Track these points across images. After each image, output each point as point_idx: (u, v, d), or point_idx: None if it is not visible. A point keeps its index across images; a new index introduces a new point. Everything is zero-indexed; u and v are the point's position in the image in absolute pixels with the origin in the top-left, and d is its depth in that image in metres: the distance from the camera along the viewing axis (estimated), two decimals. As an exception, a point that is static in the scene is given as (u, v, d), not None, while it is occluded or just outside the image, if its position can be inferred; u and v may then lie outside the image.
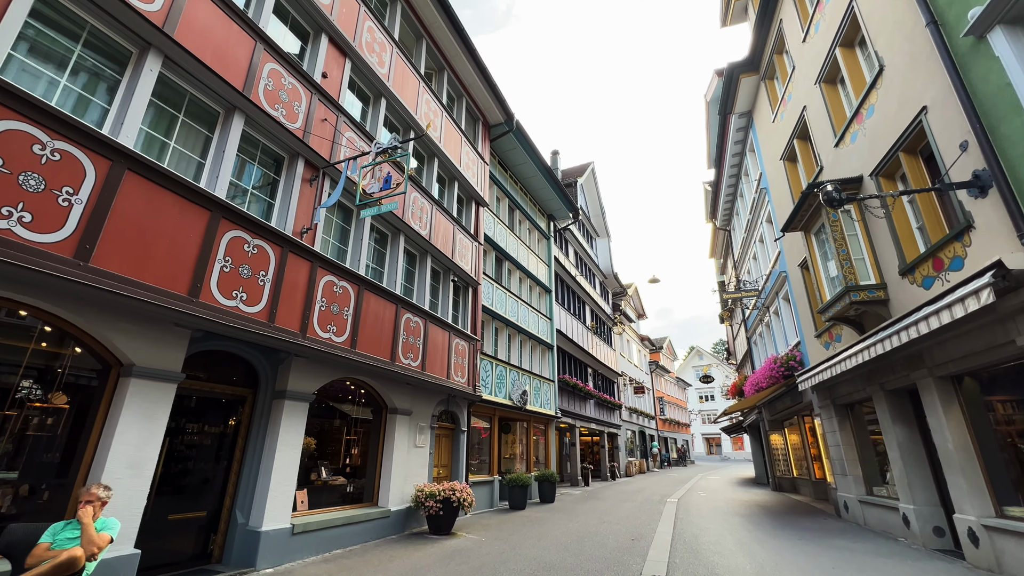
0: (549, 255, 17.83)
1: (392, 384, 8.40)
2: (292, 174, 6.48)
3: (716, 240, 24.04)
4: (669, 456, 38.39)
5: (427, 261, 9.54)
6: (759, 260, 15.28)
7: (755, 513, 11.02)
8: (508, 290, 13.92)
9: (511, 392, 12.89)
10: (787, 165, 11.11)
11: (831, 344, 9.44)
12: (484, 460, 12.05)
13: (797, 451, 15.71)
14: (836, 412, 9.76)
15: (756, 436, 22.06)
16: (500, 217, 14.36)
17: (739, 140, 15.10)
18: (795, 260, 10.98)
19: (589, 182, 25.57)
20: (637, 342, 34.53)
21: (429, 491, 7.88)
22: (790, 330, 12.73)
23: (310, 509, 6.88)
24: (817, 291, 8.45)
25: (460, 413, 10.59)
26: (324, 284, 6.51)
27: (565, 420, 17.98)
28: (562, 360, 18.80)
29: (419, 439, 8.91)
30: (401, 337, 8.04)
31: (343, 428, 8.04)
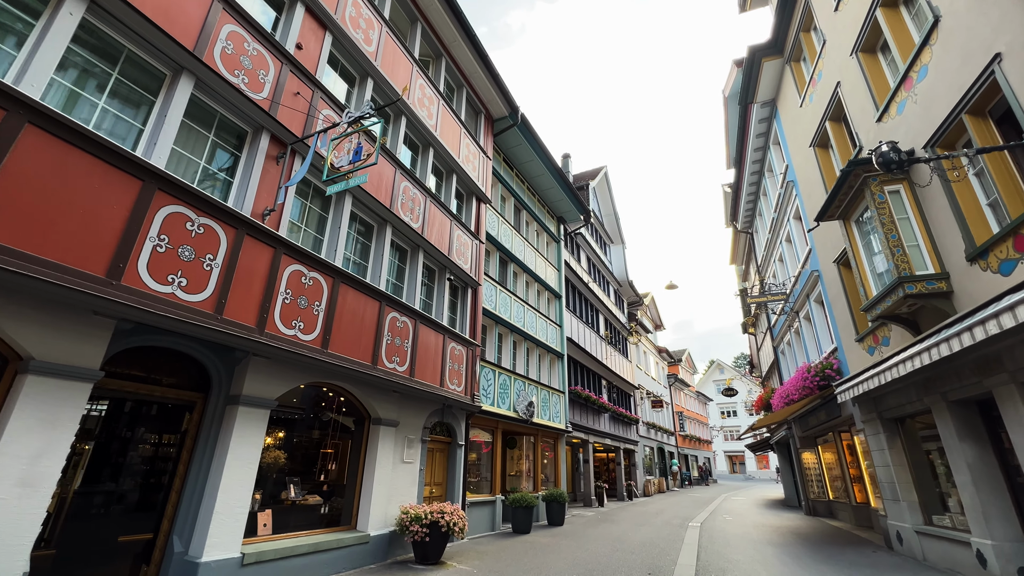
0: (559, 259, 16.91)
1: (375, 391, 7.52)
2: (255, 150, 5.74)
3: (737, 245, 22.82)
4: (690, 474, 36.53)
5: (419, 257, 8.72)
6: (786, 261, 14.10)
7: (790, 542, 9.74)
8: (513, 294, 13.02)
9: (516, 403, 11.90)
10: (818, 152, 10.05)
11: (876, 348, 8.27)
12: (485, 478, 11.03)
13: (833, 471, 14.28)
14: (884, 427, 8.52)
15: (785, 454, 20.49)
16: (505, 217, 13.54)
17: (761, 133, 14.07)
18: (830, 256, 9.85)
19: (602, 186, 24.68)
20: (654, 354, 33.12)
21: (414, 514, 6.92)
22: (824, 336, 11.50)
23: (274, 533, 5.99)
24: (861, 286, 7.35)
25: (457, 425, 9.63)
26: (290, 274, 5.71)
27: (577, 435, 16.84)
28: (573, 370, 17.72)
29: (407, 453, 7.98)
30: (385, 338, 7.19)
31: (319, 440, 7.18)
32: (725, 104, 17.68)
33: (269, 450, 6.48)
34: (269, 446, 6.50)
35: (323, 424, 7.25)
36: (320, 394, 7.23)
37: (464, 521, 7.24)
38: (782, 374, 16.96)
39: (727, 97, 17.21)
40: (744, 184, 16.82)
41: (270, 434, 6.54)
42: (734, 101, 17.09)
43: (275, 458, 6.48)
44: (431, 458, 8.97)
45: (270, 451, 6.49)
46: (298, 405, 6.97)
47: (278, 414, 6.61)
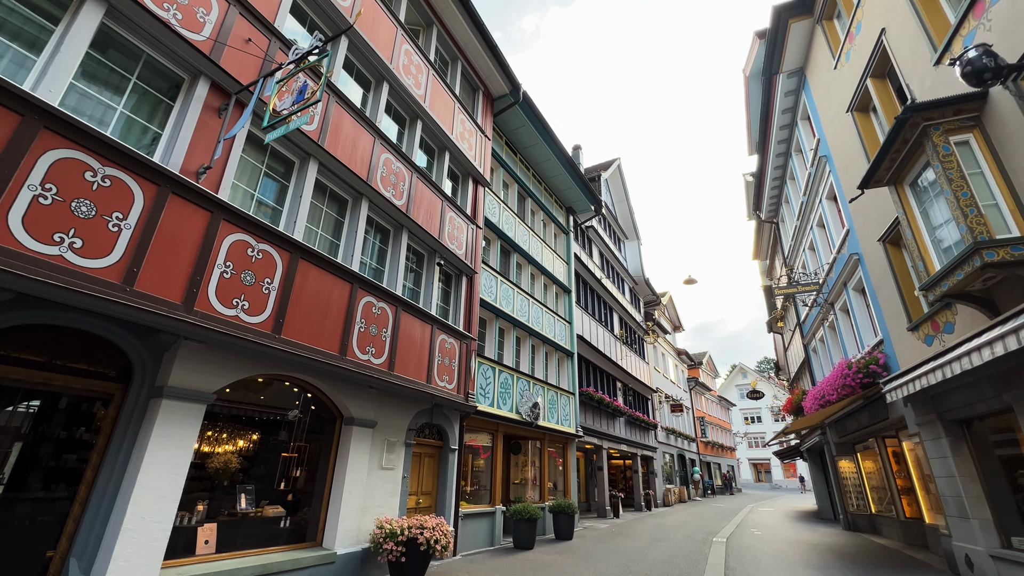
0: (568, 252, 15.85)
1: (347, 387, 6.58)
2: (191, 98, 4.88)
3: (760, 237, 21.41)
4: (712, 483, 34.77)
5: (403, 238, 7.80)
6: (817, 249, 12.79)
7: (832, 564, 8.44)
8: (517, 286, 12.02)
9: (519, 404, 10.86)
10: (857, 117, 8.83)
11: (936, 337, 7.00)
12: (484, 486, 9.99)
13: (874, 481, 12.83)
14: (946, 431, 7.23)
15: (818, 462, 18.93)
16: (508, 204, 12.58)
17: (788, 108, 12.84)
18: (873, 234, 8.60)
19: (615, 178, 23.55)
20: (673, 356, 31.64)
21: (389, 529, 5.93)
22: (865, 328, 10.19)
23: (218, 552, 5.07)
24: (920, 261, 6.13)
25: (449, 428, 8.64)
26: (232, 244, 4.82)
27: (590, 440, 15.67)
28: (585, 371, 16.58)
29: (387, 459, 7.01)
30: (358, 326, 6.26)
31: (282, 443, 6.26)
32: (746, 84, 16.45)
33: (218, 454, 5.59)
34: (217, 450, 5.61)
35: (286, 424, 6.34)
36: (282, 389, 6.32)
37: (449, 537, 6.23)
38: (814, 374, 15.53)
39: (748, 77, 15.98)
40: (768, 168, 15.55)
41: (219, 435, 5.65)
42: (756, 80, 15.86)
43: (225, 463, 5.58)
44: (418, 464, 7.98)
45: (219, 455, 5.59)
46: (253, 401, 6.08)
47: (227, 411, 5.72)
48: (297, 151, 6.13)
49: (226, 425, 5.76)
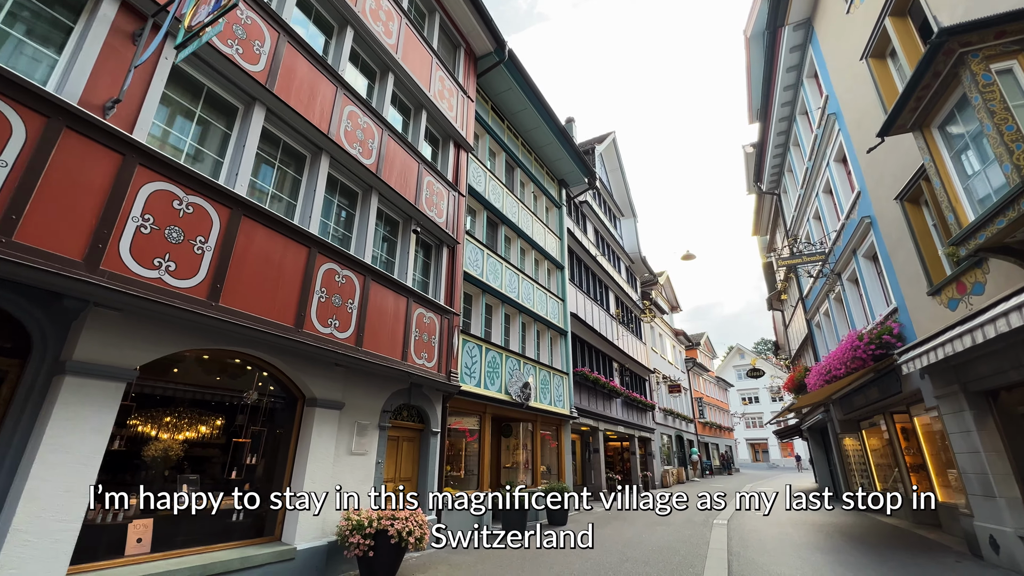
0: (561, 226, 15.09)
1: (308, 364, 5.89)
2: (94, 19, 4.07)
3: (761, 212, 20.66)
4: (711, 463, 34.60)
5: (372, 201, 7.04)
6: (823, 217, 12.08)
7: (842, 546, 7.92)
8: (505, 260, 11.29)
9: (508, 385, 10.22)
10: (873, 64, 8.04)
11: (962, 300, 6.34)
12: (472, 471, 9.40)
13: (880, 459, 12.34)
14: (970, 403, 6.61)
15: (819, 440, 18.51)
16: (495, 173, 11.78)
17: (793, 66, 12.01)
18: (890, 192, 7.88)
19: (610, 153, 22.67)
20: (671, 336, 31.12)
21: (356, 521, 5.30)
22: (876, 297, 9.54)
23: (154, 552, 4.42)
24: (951, 212, 5.42)
25: (430, 409, 7.99)
26: (151, 194, 4.07)
27: (586, 422, 15.13)
28: (580, 350, 15.97)
29: (357, 443, 6.36)
30: (318, 295, 5.55)
31: (233, 427, 5.59)
32: (747, 47, 15.54)
33: (158, 440, 4.91)
34: (162, 435, 4.93)
35: (241, 407, 5.66)
36: (237, 368, 5.63)
37: (424, 528, 5.61)
38: (817, 350, 14.96)
39: (749, 38, 15.07)
40: (770, 135, 14.76)
41: (158, 418, 4.97)
42: (758, 41, 14.96)
43: (164, 449, 4.91)
44: (395, 449, 7.35)
45: (159, 441, 4.92)
46: (203, 382, 5.38)
47: (167, 392, 5.02)
48: (240, 95, 5.33)
49: (167, 408, 5.08)
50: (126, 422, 4.60)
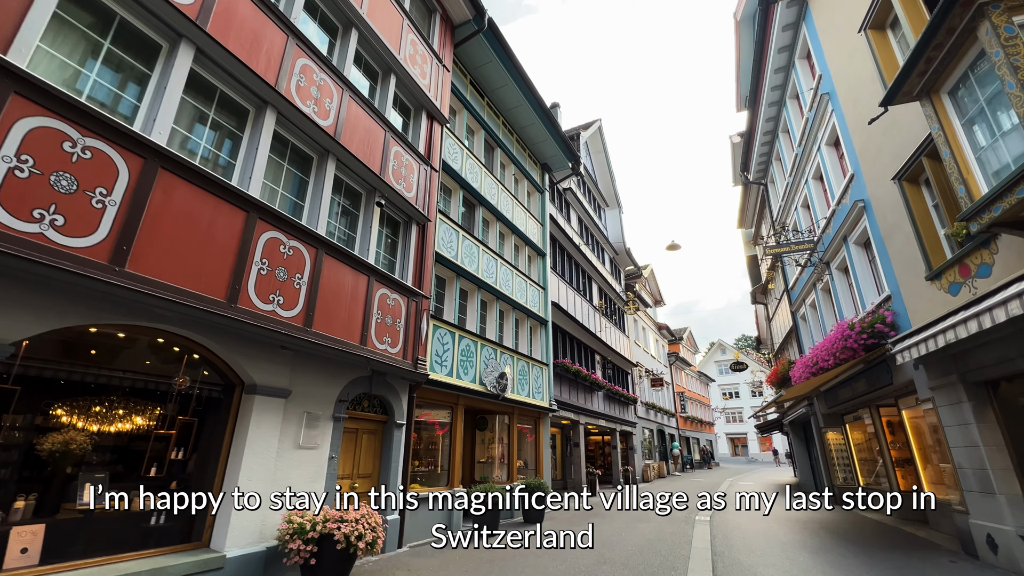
0: (543, 212, 14.49)
1: (247, 346, 5.19)
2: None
3: (747, 204, 20.37)
4: (691, 458, 34.59)
5: (328, 166, 6.32)
6: (812, 205, 11.70)
7: (829, 545, 7.53)
8: (483, 244, 10.65)
9: (483, 375, 9.61)
10: (872, 37, 7.58)
11: (966, 284, 5.92)
12: (441, 467, 8.78)
13: (865, 453, 12.09)
14: (969, 394, 6.22)
15: (800, 434, 18.35)
16: (473, 152, 11.10)
17: (785, 46, 11.55)
18: (887, 173, 7.45)
19: (595, 140, 22.12)
20: (654, 330, 30.87)
21: (298, 524, 4.65)
22: (868, 286, 9.17)
23: (43, 564, 3.71)
24: (961, 184, 4.95)
25: (395, 400, 7.34)
26: (29, 132, 3.33)
27: (566, 415, 14.63)
28: (561, 341, 15.44)
29: (307, 436, 5.68)
30: (257, 267, 4.85)
31: (155, 416, 4.87)
32: (737, 31, 15.12)
33: (54, 431, 4.18)
34: (53, 424, 4.20)
35: (167, 394, 4.94)
36: (158, 348, 4.90)
37: (378, 532, 4.98)
38: (802, 343, 14.69)
39: (739, 21, 14.66)
40: (759, 122, 14.35)
41: (59, 406, 4.24)
42: (748, 25, 14.56)
43: (65, 443, 4.18)
44: (353, 442, 6.68)
45: (56, 432, 4.18)
46: (114, 364, 4.65)
47: (70, 376, 4.28)
48: (163, 30, 4.57)
49: (75, 396, 4.34)
50: (8, 409, 3.86)
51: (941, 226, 6.65)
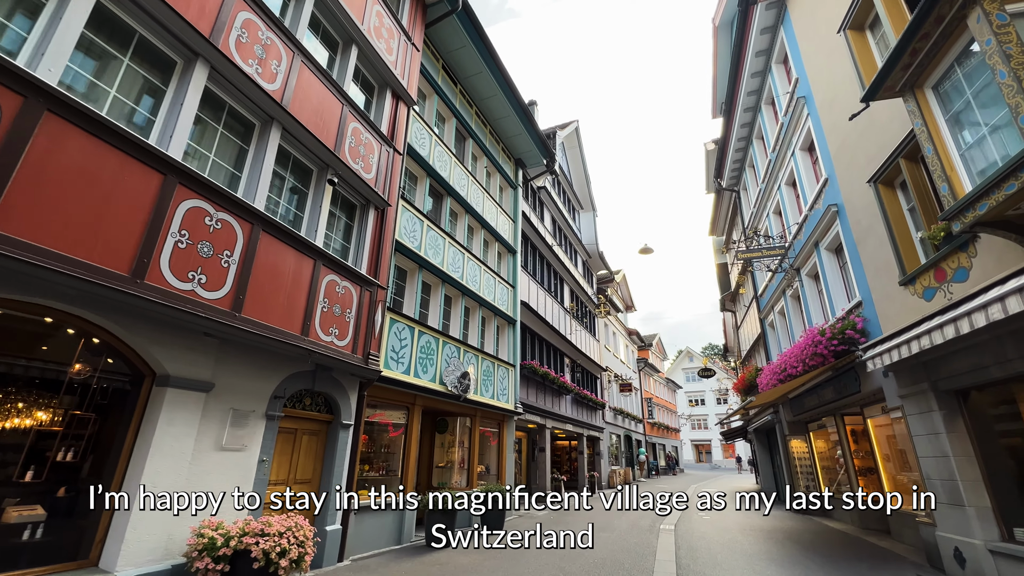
0: (515, 208, 14.03)
1: (160, 331, 4.49)
2: None
3: (719, 211, 20.49)
4: (657, 464, 34.71)
5: (271, 135, 5.67)
6: (784, 211, 11.65)
7: (796, 556, 7.28)
8: (450, 236, 10.10)
9: (444, 374, 9.04)
10: (852, 37, 7.45)
11: (941, 288, 5.75)
12: (394, 471, 8.15)
13: (828, 462, 12.09)
14: (940, 403, 6.06)
15: (764, 442, 18.45)
16: (443, 140, 10.55)
17: (763, 50, 11.48)
18: (862, 175, 7.31)
19: (572, 141, 21.89)
20: (624, 335, 30.87)
21: (209, 539, 3.99)
22: (838, 292, 9.07)
23: None
24: (944, 182, 4.73)
25: (342, 398, 6.70)
26: None
27: (532, 419, 14.17)
28: (530, 342, 15.01)
29: (231, 436, 5.01)
30: (173, 238, 4.19)
31: (42, 409, 4.13)
32: (715, 36, 15.12)
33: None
34: None
35: (62, 384, 4.20)
36: (45, 328, 4.17)
37: (306, 546, 4.37)
38: (769, 350, 14.69)
39: (718, 27, 14.65)
40: (734, 128, 14.33)
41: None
42: (726, 30, 14.54)
43: (-89, 441, 3.42)
44: (291, 443, 6.01)
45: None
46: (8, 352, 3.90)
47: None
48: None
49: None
50: None
51: (916, 230, 6.51)
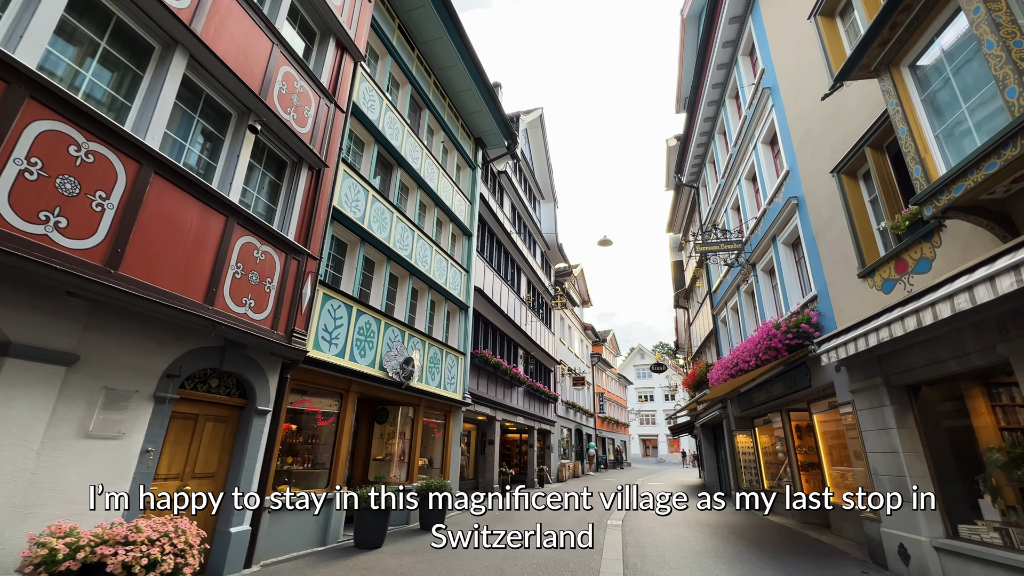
0: (473, 190, 13.34)
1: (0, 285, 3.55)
2: None
3: (678, 206, 20.61)
4: (606, 458, 35.14)
5: (174, 62, 4.72)
6: (743, 206, 11.62)
7: (743, 554, 7.10)
8: (399, 210, 9.29)
9: (385, 359, 8.28)
10: (822, 24, 7.27)
11: (901, 280, 5.61)
12: (322, 464, 7.34)
13: (771, 456, 12.24)
14: (892, 398, 5.96)
15: (710, 437, 18.76)
16: (397, 107, 9.69)
17: (730, 41, 11.33)
18: (825, 166, 7.15)
19: (536, 129, 21.36)
20: (580, 330, 30.86)
21: (50, 550, 3.13)
22: (793, 287, 9.02)
23: None
24: (917, 164, 4.50)
25: (258, 379, 5.84)
26: None
27: (482, 410, 13.60)
28: (483, 331, 14.41)
29: (102, 420, 4.09)
30: (18, 167, 3.29)
31: None
32: (682, 29, 14.99)
33: None
34: None
35: None
36: None
37: (186, 556, 3.57)
38: (720, 347, 14.81)
39: (686, 18, 14.52)
40: (697, 122, 14.24)
41: None
42: (694, 22, 14.45)
43: None
44: (189, 431, 5.12)
45: None
46: None
47: None
48: None
49: None
50: None
51: (877, 222, 6.39)
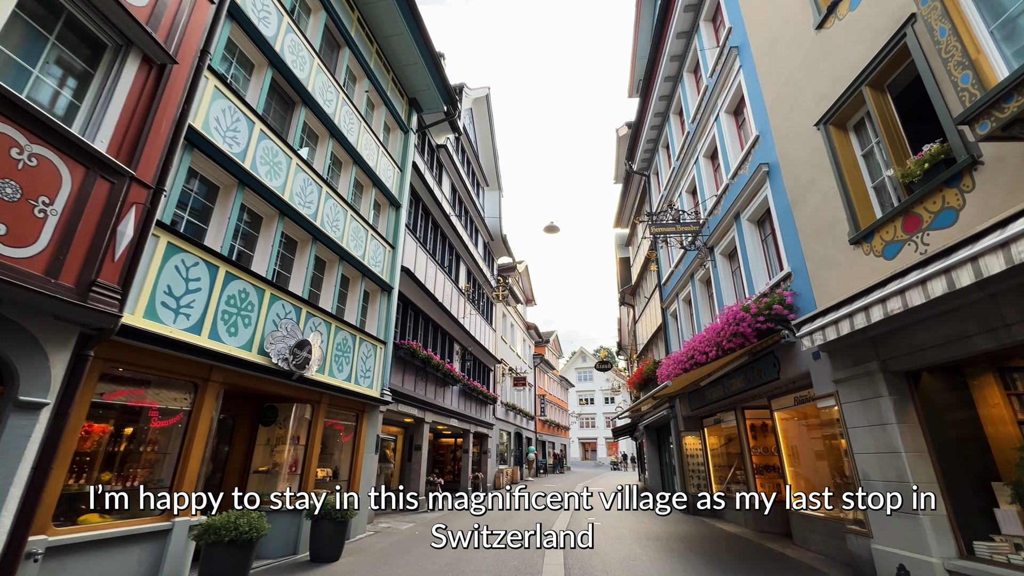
0: (404, 156, 11.56)
1: None
2: None
3: (627, 199, 19.85)
4: (546, 462, 34.03)
5: None
6: (701, 188, 10.71)
7: (703, 571, 5.88)
8: (300, 157, 7.39)
9: (268, 341, 6.35)
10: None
11: (911, 240, 4.57)
12: (162, 481, 5.30)
13: (720, 459, 11.39)
14: (890, 387, 4.94)
15: (654, 439, 17.98)
16: (305, 33, 7.80)
17: (692, 4, 10.39)
18: (807, 120, 6.14)
19: (482, 109, 19.87)
20: (523, 329, 29.61)
21: None
22: (759, 268, 8.06)
23: None
24: (967, 70, 3.41)
25: (27, 354, 3.81)
26: None
27: (409, 411, 11.78)
28: (412, 319, 12.61)
29: None
30: None
31: None
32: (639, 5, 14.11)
33: None
34: None
35: None
36: None
37: None
38: (669, 342, 13.93)
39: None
40: (652, 101, 13.33)
41: None
42: None
43: None
44: None
45: None
46: None
47: None
48: None
49: None
50: None
51: (872, 178, 5.41)
